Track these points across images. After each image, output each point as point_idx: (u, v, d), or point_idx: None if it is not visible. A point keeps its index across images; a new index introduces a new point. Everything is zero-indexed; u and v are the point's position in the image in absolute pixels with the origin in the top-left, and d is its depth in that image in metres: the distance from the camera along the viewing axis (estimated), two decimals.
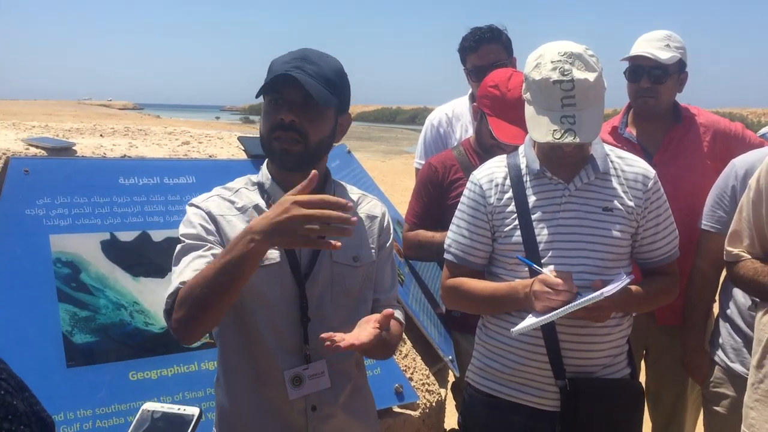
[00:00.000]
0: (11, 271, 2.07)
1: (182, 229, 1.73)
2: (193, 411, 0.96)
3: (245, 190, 1.80)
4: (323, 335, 1.55)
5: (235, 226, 1.71)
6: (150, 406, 0.98)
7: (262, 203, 1.77)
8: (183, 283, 1.59)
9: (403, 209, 3.93)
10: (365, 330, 1.60)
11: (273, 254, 1.71)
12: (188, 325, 1.59)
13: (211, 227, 1.71)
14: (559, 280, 1.93)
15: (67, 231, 2.20)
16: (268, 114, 1.71)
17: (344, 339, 1.55)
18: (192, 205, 1.77)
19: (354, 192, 1.89)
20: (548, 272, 1.97)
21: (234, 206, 1.76)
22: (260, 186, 1.80)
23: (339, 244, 1.50)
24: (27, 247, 2.13)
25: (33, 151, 2.37)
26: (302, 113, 1.68)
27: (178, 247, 1.71)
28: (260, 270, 1.66)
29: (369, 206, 1.89)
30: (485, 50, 3.21)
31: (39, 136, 2.61)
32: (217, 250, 1.67)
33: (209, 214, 1.73)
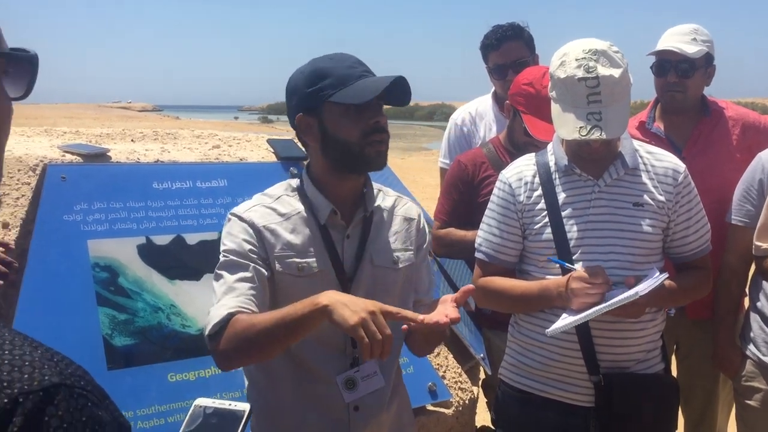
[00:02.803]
0: (52, 276, 2.12)
1: (225, 242, 1.72)
2: (244, 407, 0.98)
3: (286, 197, 1.79)
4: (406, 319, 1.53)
5: (279, 235, 1.72)
6: (202, 401, 1.00)
7: (304, 210, 1.77)
8: (232, 314, 1.60)
9: (425, 206, 3.94)
10: (448, 308, 1.59)
11: (319, 263, 1.72)
12: (233, 360, 1.66)
13: (254, 241, 1.70)
14: (594, 275, 1.94)
15: (104, 236, 2.24)
16: (354, 120, 1.69)
17: (434, 318, 1.55)
18: (234, 215, 1.75)
19: (390, 194, 1.91)
20: (580, 269, 1.98)
21: (276, 213, 1.75)
22: (300, 191, 1.80)
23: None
24: (66, 252, 2.17)
25: (69, 157, 2.41)
26: (383, 114, 1.73)
27: (221, 260, 1.71)
28: (303, 279, 1.70)
29: (405, 208, 1.91)
30: (507, 48, 3.21)
31: (72, 142, 2.66)
32: (261, 267, 1.68)
33: (252, 225, 1.71)
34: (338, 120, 1.70)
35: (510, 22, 3.27)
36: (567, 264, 2.02)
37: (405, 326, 1.56)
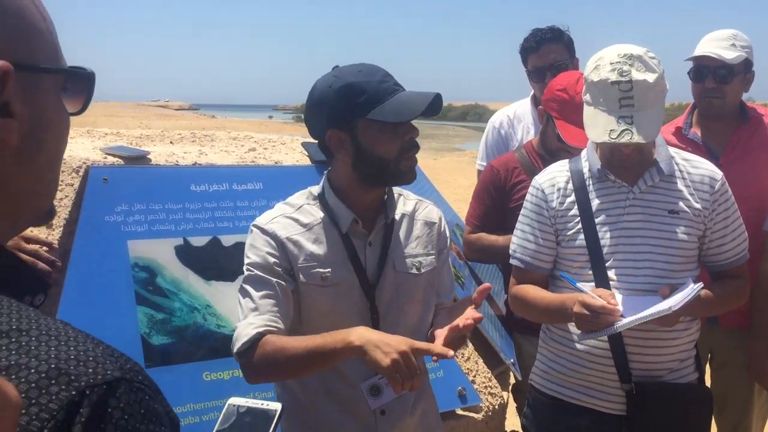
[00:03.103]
0: (93, 276, 2.18)
1: (249, 255, 1.75)
2: (276, 406, 1.00)
3: (307, 206, 1.80)
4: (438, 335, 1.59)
5: (302, 246, 1.74)
6: (236, 400, 1.03)
7: (325, 219, 1.78)
8: (260, 333, 1.64)
9: (457, 208, 3.95)
10: (469, 311, 1.63)
11: (343, 271, 1.75)
12: (261, 378, 1.73)
13: (278, 253, 1.72)
14: (599, 302, 1.91)
15: (143, 237, 2.30)
16: (391, 137, 1.70)
17: (459, 323, 1.60)
18: (256, 227, 1.77)
19: (410, 198, 1.92)
20: (590, 291, 1.96)
21: (299, 224, 1.77)
22: (321, 199, 1.80)
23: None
24: (107, 252, 2.23)
25: (111, 159, 2.48)
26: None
27: (246, 275, 1.73)
28: (329, 288, 1.73)
29: (426, 212, 1.92)
30: (546, 50, 3.20)
31: (113, 144, 2.72)
32: (285, 281, 1.71)
33: (275, 237, 1.73)
34: (375, 136, 1.70)
35: (550, 26, 3.27)
36: (577, 284, 2.01)
37: (435, 359, 1.59)
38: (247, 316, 1.69)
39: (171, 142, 2.96)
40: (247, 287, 1.71)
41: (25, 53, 0.69)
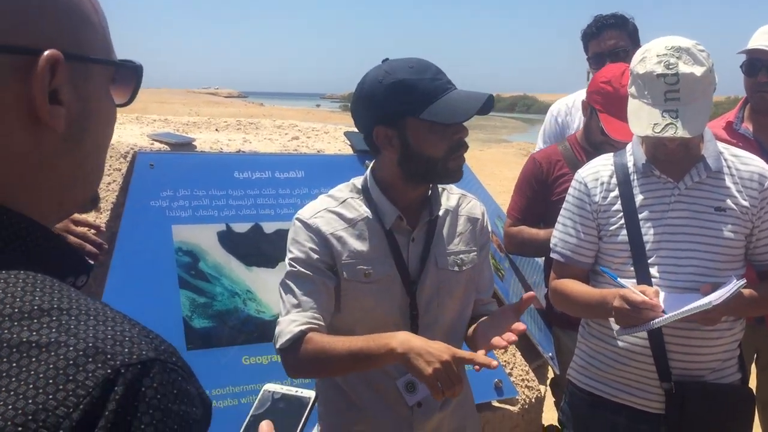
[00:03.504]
0: (138, 259, 2.24)
1: (292, 250, 1.74)
2: (310, 394, 1.01)
3: (351, 200, 1.78)
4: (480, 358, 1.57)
5: (346, 242, 1.72)
6: (271, 386, 1.05)
7: (370, 215, 1.76)
8: (303, 332, 1.65)
9: (501, 200, 3.93)
10: (510, 320, 1.63)
11: (386, 268, 1.74)
12: (301, 374, 1.77)
13: (321, 249, 1.71)
14: (639, 297, 1.87)
15: (187, 222, 2.35)
16: (441, 136, 1.67)
17: (502, 339, 1.59)
18: (300, 221, 1.75)
19: (454, 192, 1.89)
20: (632, 287, 1.93)
21: (342, 219, 1.75)
22: (366, 194, 1.79)
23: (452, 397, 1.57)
24: (152, 236, 2.29)
25: (157, 146, 2.53)
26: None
27: (289, 270, 1.73)
28: (371, 285, 1.73)
29: (469, 207, 1.90)
30: (607, 36, 3.14)
31: (160, 131, 2.78)
32: (328, 277, 1.71)
33: (318, 233, 1.72)
34: (424, 136, 1.67)
35: (613, 12, 3.22)
36: (618, 280, 1.97)
37: (477, 368, 1.58)
38: (289, 312, 1.69)
39: (216, 130, 3.01)
40: (290, 283, 1.71)
41: (76, 44, 0.71)
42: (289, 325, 1.67)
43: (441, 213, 1.82)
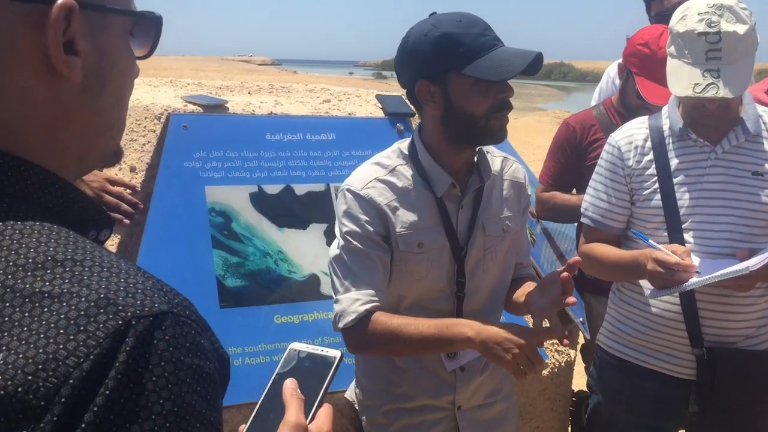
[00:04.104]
0: (172, 219, 2.27)
1: (345, 223, 1.69)
2: (335, 354, 1.01)
3: (401, 167, 1.74)
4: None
5: (399, 213, 1.70)
6: (296, 345, 1.05)
7: (421, 183, 1.72)
8: (369, 311, 1.65)
9: (535, 168, 3.89)
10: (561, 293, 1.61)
11: (435, 238, 1.72)
12: (366, 352, 1.77)
13: (376, 221, 1.68)
14: (673, 259, 1.85)
15: (220, 183, 2.37)
16: (484, 94, 1.62)
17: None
18: (352, 192, 1.71)
19: (496, 155, 1.86)
20: (664, 248, 1.90)
21: (394, 188, 1.71)
22: (414, 159, 1.75)
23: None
24: (185, 196, 2.32)
25: (190, 107, 2.55)
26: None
27: (344, 244, 1.69)
28: (423, 255, 1.72)
29: (512, 170, 1.87)
30: None
31: (194, 93, 2.80)
32: (384, 251, 1.69)
33: (373, 204, 1.69)
34: (467, 92, 1.62)
35: None
36: (650, 241, 1.95)
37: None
38: (348, 289, 1.67)
39: (249, 93, 3.02)
40: (347, 259, 1.68)
41: None
42: (352, 304, 1.66)
43: (488, 179, 1.78)
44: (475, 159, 1.78)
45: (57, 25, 0.66)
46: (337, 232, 1.74)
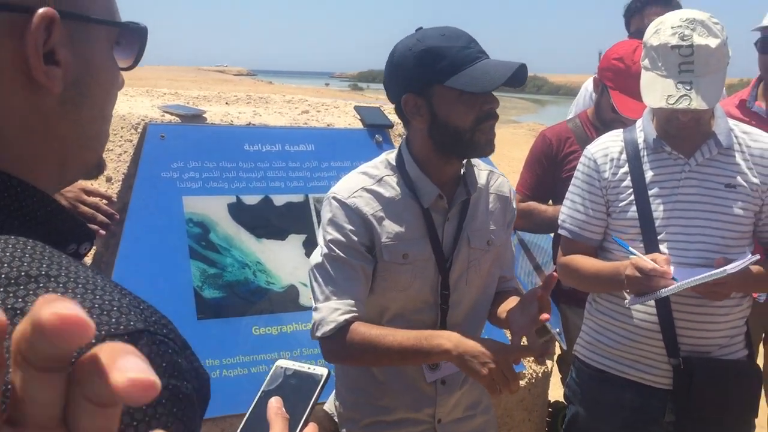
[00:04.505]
0: (149, 229, 2.25)
1: (330, 231, 1.69)
2: (323, 371, 1.00)
3: (388, 178, 1.74)
4: None
5: (385, 223, 1.70)
6: (283, 362, 1.04)
7: (407, 193, 1.73)
8: (348, 321, 1.63)
9: (511, 179, 3.90)
10: (537, 307, 1.61)
11: (421, 249, 1.72)
12: (341, 361, 1.76)
13: (361, 231, 1.68)
14: (650, 264, 1.88)
15: (198, 193, 2.36)
16: (469, 106, 1.63)
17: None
18: (338, 200, 1.70)
19: (482, 168, 1.87)
20: (642, 255, 1.93)
21: (381, 198, 1.72)
22: (402, 170, 1.75)
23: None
24: (163, 207, 2.30)
25: (168, 117, 2.54)
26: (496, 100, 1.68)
27: (327, 253, 1.68)
28: (406, 266, 1.71)
29: (498, 183, 1.88)
30: (651, 12, 3.10)
31: (171, 103, 2.79)
32: (367, 261, 1.68)
33: (359, 214, 1.69)
34: (451, 105, 1.63)
35: None
36: (629, 248, 1.98)
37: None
38: (329, 298, 1.66)
39: (227, 103, 3.02)
40: (329, 267, 1.67)
41: (76, 3, 0.69)
42: (332, 313, 1.64)
43: (474, 192, 1.79)
44: (462, 172, 1.79)
45: (37, 35, 0.65)
46: (320, 240, 1.73)
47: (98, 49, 0.73)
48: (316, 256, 1.73)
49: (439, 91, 1.63)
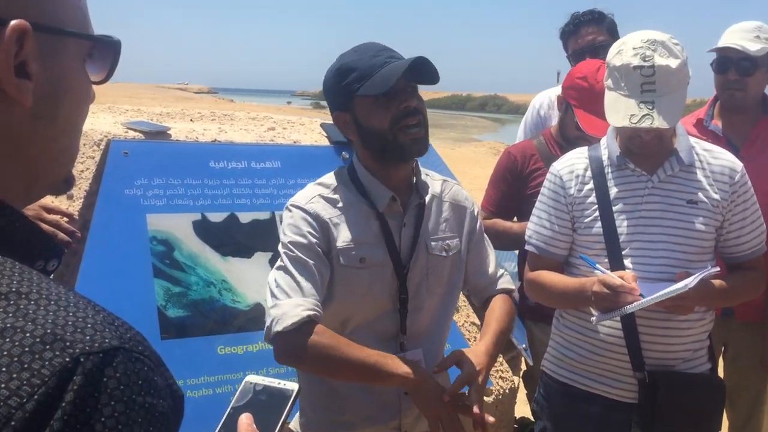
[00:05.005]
0: (112, 248, 2.21)
1: (288, 234, 1.72)
2: (293, 387, 0.99)
3: (342, 187, 1.79)
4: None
5: (342, 228, 1.73)
6: (252, 378, 1.02)
7: (362, 199, 1.77)
8: (311, 318, 1.62)
9: (474, 197, 3.94)
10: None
11: (377, 254, 1.74)
12: (294, 363, 1.73)
13: (319, 234, 1.71)
14: (618, 282, 1.92)
15: (162, 211, 2.32)
16: (384, 108, 1.69)
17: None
18: (297, 207, 1.75)
19: (436, 178, 1.92)
20: (609, 272, 1.97)
21: (337, 205, 1.76)
22: (355, 180, 1.80)
23: None
24: (126, 225, 2.26)
25: (131, 134, 2.50)
26: (415, 96, 1.72)
27: (286, 254, 1.70)
28: (363, 271, 1.73)
29: (452, 192, 1.91)
30: (585, 32, 3.17)
31: (134, 119, 2.75)
32: (323, 263, 1.70)
33: (317, 218, 1.72)
34: (369, 111, 1.70)
35: (590, 9, 3.24)
36: (597, 265, 2.01)
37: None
38: (290, 296, 1.65)
39: (191, 120, 2.98)
40: (290, 267, 1.68)
41: (47, 15, 0.68)
42: (295, 308, 1.62)
43: (428, 198, 1.83)
44: (414, 178, 1.83)
45: (8, 47, 0.64)
46: (280, 247, 1.74)
47: (71, 62, 0.72)
48: (276, 265, 1.75)
49: (357, 102, 1.71)
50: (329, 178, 1.83)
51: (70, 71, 0.72)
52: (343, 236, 1.72)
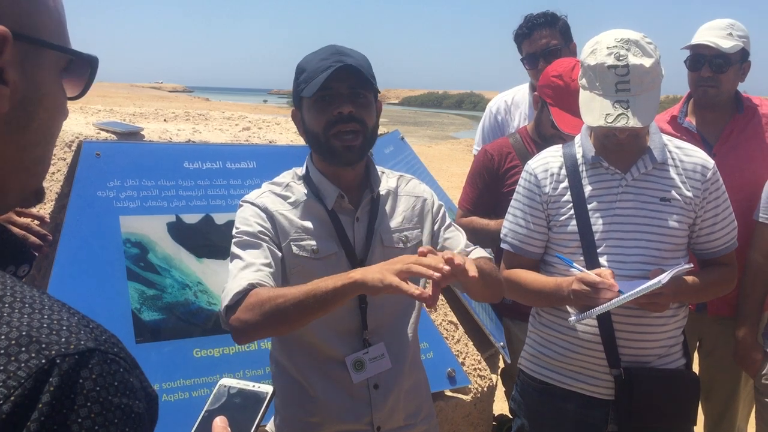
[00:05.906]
0: (84, 250, 2.17)
1: (238, 226, 1.76)
2: (267, 389, 0.99)
3: (294, 184, 1.83)
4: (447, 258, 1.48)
5: (292, 220, 1.76)
6: (227, 381, 1.02)
7: (311, 196, 1.80)
8: (252, 285, 1.60)
9: (450, 195, 3.96)
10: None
11: (330, 246, 1.76)
12: (252, 331, 1.61)
13: (268, 224, 1.74)
14: (597, 278, 1.93)
15: (135, 213, 2.29)
16: (320, 111, 1.72)
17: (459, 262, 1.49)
18: (246, 201, 1.80)
19: (392, 175, 1.93)
20: (586, 270, 1.98)
21: (287, 201, 1.80)
22: (306, 178, 1.84)
23: (428, 295, 1.47)
24: (98, 227, 2.23)
25: (104, 135, 2.46)
26: (355, 103, 1.72)
27: (235, 240, 1.73)
28: (317, 262, 1.74)
29: (409, 186, 1.93)
30: (538, 36, 3.18)
31: (106, 120, 2.71)
32: (274, 248, 1.71)
33: (265, 210, 1.76)
34: (309, 112, 1.75)
35: (543, 11, 3.24)
36: (574, 265, 2.02)
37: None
38: (237, 275, 1.65)
39: (165, 120, 2.95)
40: (237, 250, 1.71)
41: (28, 25, 0.69)
42: (238, 281, 1.62)
43: (383, 193, 1.86)
44: (368, 174, 1.85)
45: None
46: (232, 245, 1.75)
47: (48, 73, 0.72)
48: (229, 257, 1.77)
49: (304, 103, 1.77)
50: (282, 177, 1.88)
51: (47, 82, 0.72)
52: (295, 227, 1.75)
